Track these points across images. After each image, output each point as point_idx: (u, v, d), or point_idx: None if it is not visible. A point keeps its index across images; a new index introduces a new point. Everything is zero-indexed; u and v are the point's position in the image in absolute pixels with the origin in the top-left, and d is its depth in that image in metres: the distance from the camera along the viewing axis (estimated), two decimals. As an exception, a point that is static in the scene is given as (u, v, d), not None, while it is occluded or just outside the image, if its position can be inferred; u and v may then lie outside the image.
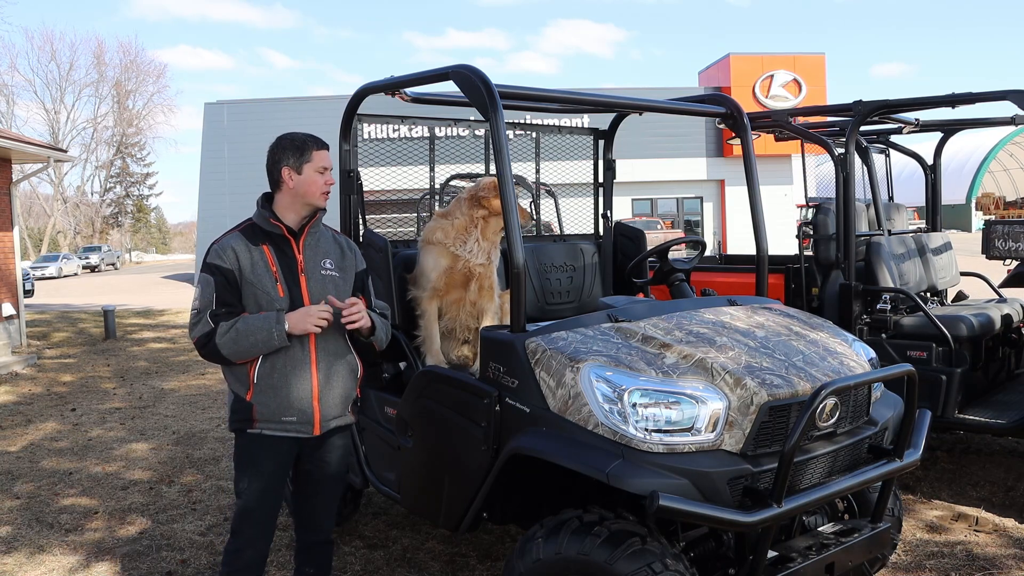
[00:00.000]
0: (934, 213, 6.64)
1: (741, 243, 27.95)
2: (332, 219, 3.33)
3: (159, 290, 26.45)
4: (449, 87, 3.45)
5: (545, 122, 7.36)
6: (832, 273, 5.45)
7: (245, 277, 2.91)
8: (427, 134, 4.69)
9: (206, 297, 2.90)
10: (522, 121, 5.25)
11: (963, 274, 6.40)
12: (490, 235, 3.88)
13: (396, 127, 8.30)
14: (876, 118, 5.63)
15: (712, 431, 2.70)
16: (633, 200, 30.68)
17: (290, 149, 2.97)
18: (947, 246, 6.28)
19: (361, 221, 4.18)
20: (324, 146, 3.04)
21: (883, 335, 5.22)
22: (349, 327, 2.95)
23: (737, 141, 4.15)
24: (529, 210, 4.24)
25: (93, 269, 45.06)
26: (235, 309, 2.91)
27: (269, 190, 3.05)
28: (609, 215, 5.07)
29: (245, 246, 2.94)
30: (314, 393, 2.98)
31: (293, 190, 2.97)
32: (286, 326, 2.86)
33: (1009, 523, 4.57)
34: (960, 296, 6.56)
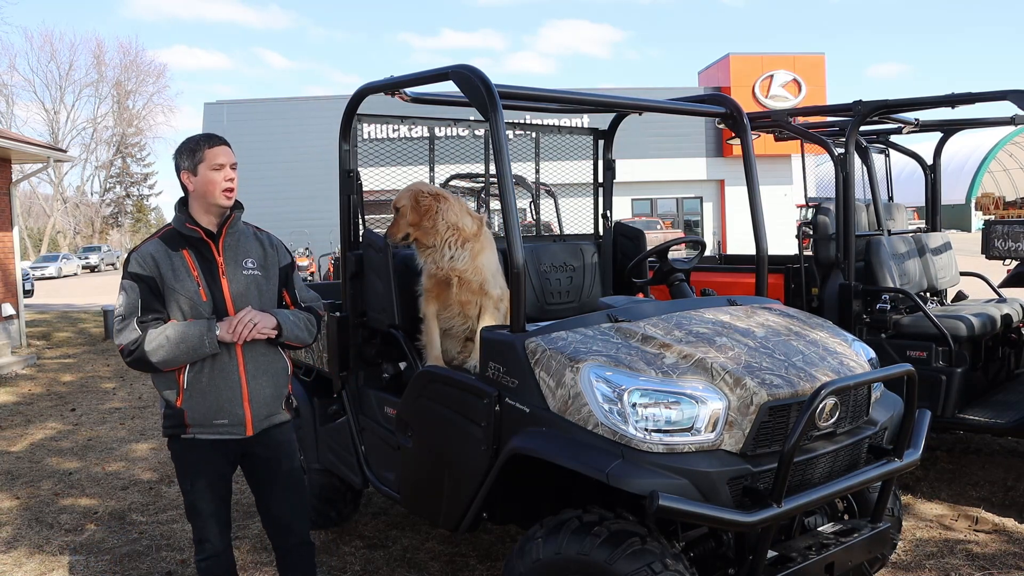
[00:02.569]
0: (934, 213, 6.64)
1: (741, 243, 27.96)
2: (331, 217, 3.29)
3: (159, 290, 26.40)
4: (449, 87, 3.45)
5: (545, 122, 7.35)
6: (832, 273, 5.45)
7: (167, 283, 2.87)
8: (427, 134, 4.68)
9: (131, 303, 2.85)
10: (522, 121, 5.25)
11: (963, 274, 6.40)
12: (426, 241, 3.76)
13: (396, 127, 8.31)
14: (876, 118, 5.63)
15: (712, 431, 2.70)
16: (633, 200, 30.70)
17: (185, 152, 2.93)
18: (947, 246, 6.28)
19: (361, 221, 4.18)
20: (219, 143, 2.95)
21: (883, 335, 5.22)
22: (248, 339, 2.88)
23: (737, 141, 4.15)
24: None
25: (93, 269, 45.10)
26: (162, 316, 2.88)
27: (268, 189, 3.05)
28: (609, 215, 5.07)
29: (165, 252, 2.90)
30: (244, 395, 2.95)
31: (195, 192, 2.93)
32: (218, 333, 2.84)
33: (1009, 523, 4.57)
34: (960, 296, 6.56)
